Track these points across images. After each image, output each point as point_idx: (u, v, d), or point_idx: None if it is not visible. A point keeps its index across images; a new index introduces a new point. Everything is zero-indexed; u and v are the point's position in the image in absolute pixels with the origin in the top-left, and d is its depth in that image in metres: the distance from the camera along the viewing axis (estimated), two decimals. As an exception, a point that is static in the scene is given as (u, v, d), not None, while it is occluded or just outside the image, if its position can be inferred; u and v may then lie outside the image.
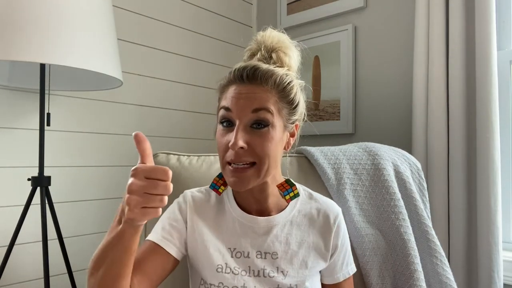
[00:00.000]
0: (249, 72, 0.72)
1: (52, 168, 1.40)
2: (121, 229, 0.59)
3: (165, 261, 0.75)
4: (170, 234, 0.77)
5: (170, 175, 0.55)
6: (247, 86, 0.72)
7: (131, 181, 0.54)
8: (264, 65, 0.74)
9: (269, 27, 0.82)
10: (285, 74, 0.75)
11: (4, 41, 0.99)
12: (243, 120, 0.71)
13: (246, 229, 0.79)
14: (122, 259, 0.62)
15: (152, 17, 1.69)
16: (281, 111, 0.74)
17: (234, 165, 0.72)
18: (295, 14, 1.93)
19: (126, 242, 0.61)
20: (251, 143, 0.71)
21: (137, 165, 0.56)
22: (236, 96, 0.72)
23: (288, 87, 0.74)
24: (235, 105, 0.71)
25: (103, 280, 0.62)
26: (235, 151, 0.70)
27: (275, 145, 0.72)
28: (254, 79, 0.72)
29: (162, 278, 0.75)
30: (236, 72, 0.74)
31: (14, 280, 1.32)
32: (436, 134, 1.37)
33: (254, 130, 0.71)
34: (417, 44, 1.43)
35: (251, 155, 0.71)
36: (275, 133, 0.72)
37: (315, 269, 0.80)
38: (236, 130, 0.70)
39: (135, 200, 0.54)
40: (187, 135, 1.83)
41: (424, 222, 1.07)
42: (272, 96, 0.72)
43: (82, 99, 1.48)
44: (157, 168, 0.54)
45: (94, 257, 0.64)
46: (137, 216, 0.54)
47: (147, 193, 0.54)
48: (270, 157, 0.72)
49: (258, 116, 0.71)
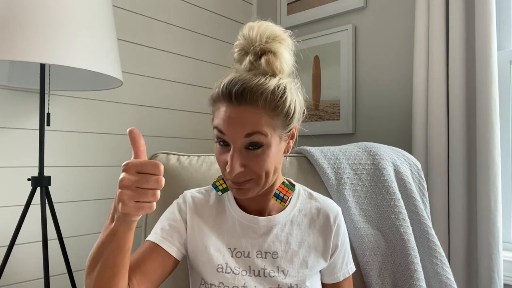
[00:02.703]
0: (237, 92, 0.68)
1: (52, 168, 1.40)
2: (115, 227, 0.59)
3: (165, 261, 0.75)
4: (170, 235, 0.77)
5: (162, 169, 0.55)
6: (237, 109, 0.69)
7: (123, 176, 0.54)
8: (253, 80, 0.69)
9: (257, 19, 0.76)
10: (277, 86, 0.70)
11: (4, 41, 0.99)
12: (237, 144, 0.70)
13: (247, 229, 0.79)
14: (117, 257, 0.62)
15: (152, 17, 1.69)
16: (276, 127, 0.71)
17: (235, 185, 0.73)
18: (295, 14, 1.93)
19: (120, 239, 0.60)
20: (247, 164, 0.71)
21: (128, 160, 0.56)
22: (228, 120, 0.69)
23: (281, 101, 0.70)
24: (227, 130, 0.70)
25: (99, 280, 0.62)
26: (235, 175, 0.71)
27: (272, 161, 0.72)
28: (243, 100, 0.68)
29: (162, 278, 0.75)
30: (224, 89, 0.70)
31: (14, 280, 1.32)
32: (436, 134, 1.37)
33: (249, 151, 0.71)
34: (417, 44, 1.43)
35: (249, 174, 0.72)
36: (270, 151, 0.71)
37: (316, 269, 0.80)
38: (231, 156, 0.70)
39: (127, 195, 0.53)
40: (187, 135, 1.83)
41: (424, 222, 1.07)
42: (264, 115, 0.69)
43: (82, 99, 1.48)
44: (148, 162, 0.54)
45: (90, 257, 0.64)
46: (131, 211, 0.54)
47: (139, 188, 0.53)
48: (268, 171, 0.72)
49: (251, 140, 0.69)
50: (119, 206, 0.54)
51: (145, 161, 0.55)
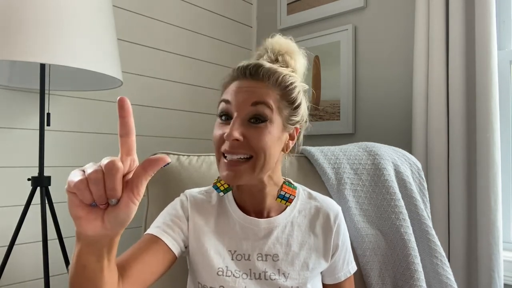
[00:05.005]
0: (252, 69, 0.73)
1: (52, 168, 1.40)
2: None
3: (165, 255, 0.71)
4: (172, 229, 0.75)
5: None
6: (249, 81, 0.73)
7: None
8: (268, 63, 0.75)
9: (277, 34, 0.83)
10: (288, 74, 0.75)
11: (4, 41, 0.99)
12: (241, 113, 0.71)
13: (247, 231, 0.78)
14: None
15: (152, 17, 1.69)
16: (281, 109, 0.73)
17: (228, 157, 0.71)
18: (295, 14, 1.93)
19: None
20: (247, 136, 0.70)
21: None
22: (237, 90, 0.73)
23: (291, 87, 0.74)
24: (234, 98, 0.72)
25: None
26: (230, 142, 0.70)
27: (272, 141, 0.71)
28: (257, 75, 0.73)
29: (159, 273, 0.70)
30: (239, 68, 0.75)
31: (14, 280, 1.31)
32: (436, 134, 1.37)
33: (251, 124, 0.71)
34: (417, 44, 1.43)
35: (246, 148, 0.70)
36: (272, 128, 0.71)
37: (317, 270, 0.80)
38: (233, 122, 0.70)
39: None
40: (187, 135, 1.83)
41: (425, 222, 1.07)
42: (273, 92, 0.73)
43: (82, 99, 1.48)
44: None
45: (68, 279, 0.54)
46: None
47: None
48: (266, 152, 0.71)
49: (256, 110, 0.70)
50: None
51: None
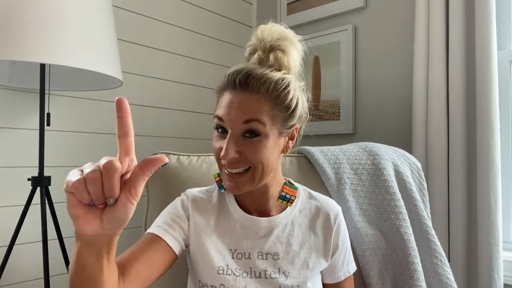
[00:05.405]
0: (242, 79, 0.71)
1: (52, 168, 1.40)
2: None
3: (166, 255, 0.72)
4: (173, 229, 0.75)
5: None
6: (239, 94, 0.71)
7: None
8: (258, 70, 0.72)
9: (270, 21, 0.78)
10: (281, 79, 0.72)
11: (4, 41, 0.99)
12: (235, 130, 0.71)
13: (247, 230, 0.79)
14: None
15: (152, 17, 1.69)
16: (275, 118, 0.72)
17: (229, 170, 0.73)
18: (295, 14, 1.93)
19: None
20: (243, 152, 0.71)
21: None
22: (228, 106, 0.71)
23: (284, 93, 0.72)
24: (227, 115, 0.71)
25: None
26: (227, 160, 0.71)
27: (268, 153, 0.72)
28: (247, 86, 0.71)
29: (160, 273, 0.71)
30: (229, 77, 0.73)
31: (14, 280, 1.32)
32: (436, 134, 1.37)
33: (246, 139, 0.71)
34: (417, 44, 1.43)
35: (244, 162, 0.72)
36: (267, 142, 0.72)
37: (317, 269, 0.80)
38: (227, 141, 0.70)
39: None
40: (187, 135, 1.83)
41: (424, 222, 1.07)
42: (265, 104, 0.71)
43: (82, 99, 1.48)
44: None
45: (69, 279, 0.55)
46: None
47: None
48: (264, 163, 0.72)
49: (249, 127, 0.70)
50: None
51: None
